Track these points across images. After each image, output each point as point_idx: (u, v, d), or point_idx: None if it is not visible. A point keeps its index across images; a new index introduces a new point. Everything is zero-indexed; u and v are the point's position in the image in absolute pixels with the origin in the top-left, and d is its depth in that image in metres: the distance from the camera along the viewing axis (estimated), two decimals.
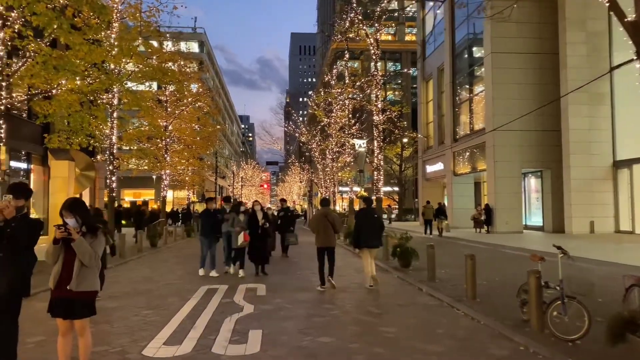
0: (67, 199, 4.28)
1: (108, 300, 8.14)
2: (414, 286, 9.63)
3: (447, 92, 31.58)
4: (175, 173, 29.44)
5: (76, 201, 4.19)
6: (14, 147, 23.18)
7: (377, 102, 22.19)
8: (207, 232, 11.47)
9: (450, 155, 30.79)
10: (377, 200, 22.22)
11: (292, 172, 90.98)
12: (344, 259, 13.81)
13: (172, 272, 11.96)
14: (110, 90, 18.92)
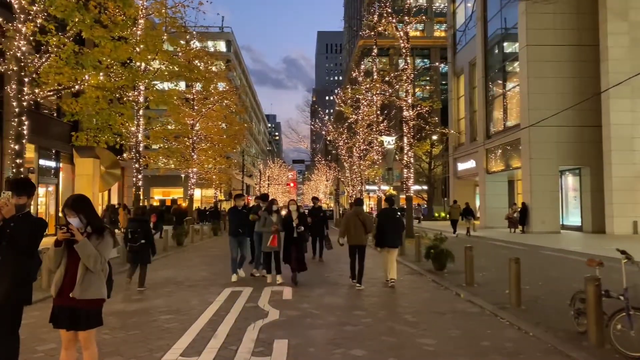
0: (70, 195, 3.83)
1: (126, 303, 7.76)
2: (451, 291, 8.97)
3: (480, 87, 30.55)
4: (202, 171, 29.31)
5: (80, 198, 3.73)
6: (43, 146, 23.41)
7: (407, 97, 21.49)
8: (234, 231, 10.64)
9: (482, 152, 29.78)
10: (407, 200, 21.53)
11: (319, 171, 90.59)
12: (373, 260, 13.20)
13: (196, 273, 11.59)
14: (136, 87, 18.81)
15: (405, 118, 21.41)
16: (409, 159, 21.44)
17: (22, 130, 10.90)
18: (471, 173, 32.74)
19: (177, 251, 17.07)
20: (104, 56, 13.65)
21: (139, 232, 9.30)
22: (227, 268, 12.42)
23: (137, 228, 9.38)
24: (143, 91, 18.85)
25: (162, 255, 15.45)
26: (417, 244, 13.39)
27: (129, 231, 9.40)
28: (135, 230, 9.33)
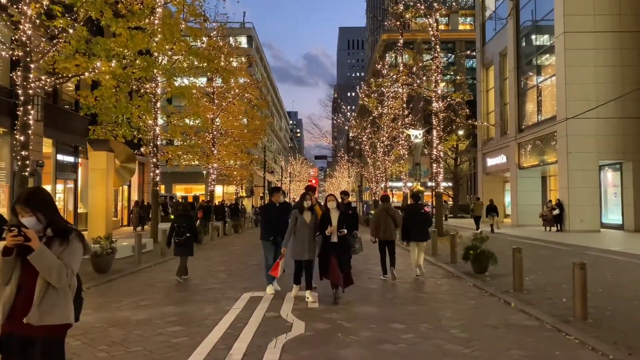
0: (24, 189, 2.90)
1: (133, 311, 6.92)
2: (498, 298, 7.91)
3: (511, 78, 29.09)
4: (223, 167, 28.58)
5: (37, 192, 2.77)
6: (61, 140, 22.92)
7: (436, 88, 20.34)
8: (270, 235, 8.51)
9: (514, 147, 28.35)
10: (437, 196, 20.42)
11: (341, 167, 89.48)
12: (404, 260, 12.18)
13: (213, 274, 10.74)
14: (153, 79, 18.10)
15: (435, 110, 20.26)
16: (439, 153, 20.29)
17: (28, 120, 10.18)
18: (501, 169, 31.30)
19: (195, 249, 16.26)
20: (120, 46, 12.95)
21: (185, 226, 10.06)
22: (247, 268, 11.59)
23: (183, 222, 10.14)
24: (161, 83, 18.15)
25: None
26: (452, 243, 12.30)
27: (176, 225, 10.17)
28: (181, 225, 10.08)
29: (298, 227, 7.66)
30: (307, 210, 7.80)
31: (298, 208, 7.82)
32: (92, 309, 7.06)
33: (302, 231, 7.63)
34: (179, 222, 10.26)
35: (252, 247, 17.75)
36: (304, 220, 7.69)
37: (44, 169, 22.34)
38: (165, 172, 53.85)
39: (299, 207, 7.81)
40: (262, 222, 8.99)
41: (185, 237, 10.06)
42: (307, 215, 7.76)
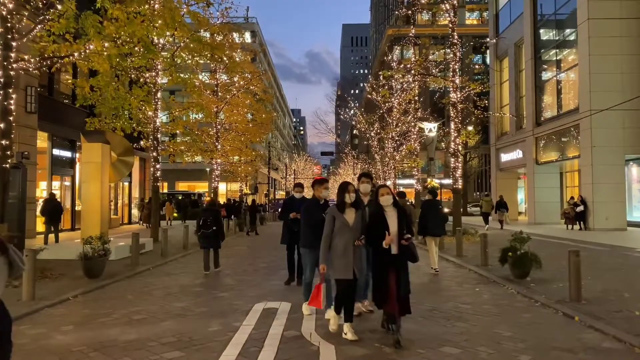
0: None
1: (122, 328, 5.73)
2: (554, 310, 6.70)
3: (528, 69, 27.79)
4: (226, 163, 27.41)
5: None
6: (57, 134, 21.79)
7: (454, 77, 19.09)
8: (314, 240, 6.04)
9: (531, 141, 27.08)
10: (455, 192, 19.19)
11: (345, 164, 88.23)
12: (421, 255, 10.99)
13: (219, 279, 9.56)
14: (153, 68, 16.94)
15: (453, 101, 19.01)
16: (457, 146, 19.04)
17: (9, 105, 9.00)
18: (517, 164, 30.03)
19: (198, 250, 15.08)
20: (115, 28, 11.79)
21: (211, 220, 10.43)
22: (257, 271, 10.39)
23: (210, 216, 10.49)
24: (161, 72, 16.97)
25: (181, 254, 13.51)
26: (483, 244, 11.08)
27: (202, 219, 10.48)
28: (208, 219, 10.42)
29: (338, 233, 5.30)
30: (349, 207, 5.35)
31: (337, 205, 5.37)
32: (74, 325, 5.89)
33: (344, 238, 5.26)
34: (205, 216, 10.56)
35: (260, 247, 16.57)
36: (345, 223, 5.30)
37: (39, 164, 21.26)
38: (168, 169, 52.84)
39: (339, 204, 5.35)
40: (305, 224, 6.71)
41: (212, 230, 10.42)
42: (349, 215, 5.34)
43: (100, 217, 12.37)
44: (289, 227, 8.33)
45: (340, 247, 5.27)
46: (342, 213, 5.34)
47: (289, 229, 8.33)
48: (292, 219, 8.18)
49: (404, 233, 5.19)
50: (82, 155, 12.75)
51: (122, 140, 14.22)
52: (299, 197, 8.58)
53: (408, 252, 5.23)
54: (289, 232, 8.36)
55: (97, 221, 12.30)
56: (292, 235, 8.21)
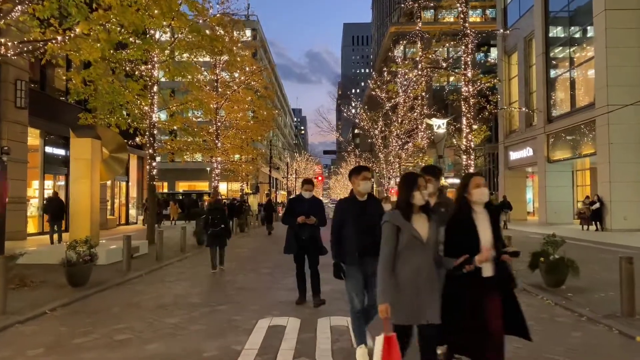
0: None
1: (99, 353, 4.79)
2: (606, 327, 5.75)
3: (539, 64, 26.82)
4: (227, 161, 26.46)
5: None
6: (50, 131, 20.82)
7: (466, 70, 18.16)
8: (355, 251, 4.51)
9: (542, 138, 26.11)
10: None
11: (348, 164, 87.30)
12: None
13: (218, 287, 8.62)
14: (149, 60, 16.03)
15: (465, 95, 18.08)
16: (469, 143, 18.10)
17: None
18: (527, 162, 29.06)
19: (196, 252, 14.19)
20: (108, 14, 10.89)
21: (219, 219, 10.56)
22: (259, 277, 9.46)
23: (218, 215, 10.60)
24: (157, 63, 16.04)
25: (177, 257, 12.57)
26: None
27: (210, 217, 10.58)
28: (216, 217, 10.54)
29: (404, 253, 3.36)
30: (419, 212, 3.45)
31: (401, 209, 3.44)
32: (45, 348, 4.96)
33: (415, 260, 3.35)
34: (213, 215, 10.64)
35: (263, 249, 15.64)
36: (417, 237, 3.37)
37: (31, 163, 20.34)
38: (168, 168, 51.98)
39: (404, 207, 3.44)
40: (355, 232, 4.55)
41: (220, 228, 10.55)
42: (421, 224, 3.41)
43: (90, 218, 11.44)
44: (296, 233, 6.81)
45: (408, 274, 3.32)
46: (408, 220, 3.36)
47: (296, 236, 6.81)
48: (299, 225, 6.72)
49: (501, 244, 3.48)
50: (71, 152, 11.83)
51: (114, 136, 13.30)
52: (308, 197, 7.01)
53: (505, 273, 3.45)
54: (296, 241, 6.82)
55: (87, 223, 11.37)
56: (301, 244, 6.82)
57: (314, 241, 6.80)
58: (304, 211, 6.73)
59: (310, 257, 6.89)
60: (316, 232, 6.83)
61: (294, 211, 6.86)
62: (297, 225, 6.74)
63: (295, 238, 6.81)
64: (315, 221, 6.73)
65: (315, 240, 6.80)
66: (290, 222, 6.88)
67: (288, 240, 6.93)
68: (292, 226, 6.87)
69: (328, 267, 4.94)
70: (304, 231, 6.72)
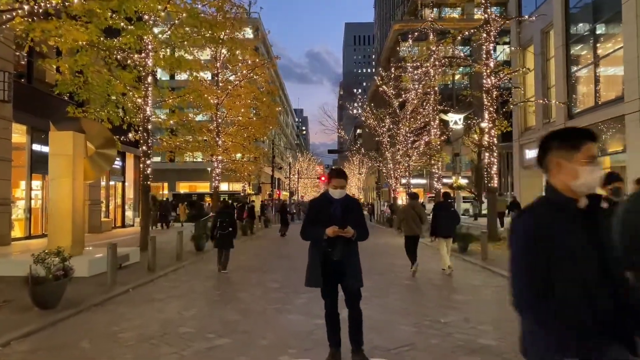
0: None
1: None
2: None
3: (558, 57, 25.25)
4: (228, 160, 25.00)
5: None
6: (38, 127, 19.26)
7: (488, 60, 16.71)
8: None
9: None
10: (490, 191, 16.79)
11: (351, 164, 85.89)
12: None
13: (217, 308, 7.14)
14: (143, 48, 14.60)
15: (486, 87, 16.63)
16: (492, 139, 16.65)
17: None
18: None
19: (194, 260, 12.73)
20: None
21: (227, 221, 10.80)
22: (266, 294, 7.94)
23: (226, 218, 10.88)
24: (151, 51, 14.59)
25: (172, 267, 11.09)
26: None
27: (219, 220, 10.86)
28: (224, 220, 10.80)
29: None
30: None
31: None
32: None
33: None
34: (222, 218, 10.89)
35: (268, 256, 14.16)
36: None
37: (16, 161, 18.90)
38: (169, 168, 50.60)
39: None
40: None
41: (228, 231, 10.73)
42: None
43: (72, 223, 9.98)
44: (325, 253, 4.34)
45: None
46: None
47: (324, 257, 4.35)
48: (328, 240, 4.29)
49: None
50: (50, 147, 10.38)
51: (101, 130, 11.85)
52: (339, 197, 4.52)
53: None
54: (322, 264, 4.37)
55: (68, 228, 9.92)
56: (331, 269, 4.35)
57: (351, 265, 4.37)
58: (335, 218, 4.33)
59: (347, 290, 4.44)
60: (353, 250, 4.43)
61: (318, 219, 4.44)
62: (326, 241, 4.28)
63: (322, 261, 4.35)
64: (354, 234, 4.27)
65: (354, 264, 4.41)
66: (314, 236, 4.42)
67: (311, 265, 4.46)
68: (316, 243, 4.43)
69: None
70: (337, 249, 4.27)
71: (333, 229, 4.23)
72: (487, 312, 6.80)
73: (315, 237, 4.42)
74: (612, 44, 21.77)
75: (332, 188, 4.55)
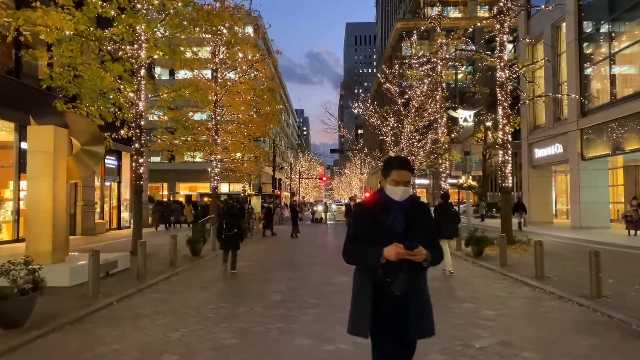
0: None
1: None
2: None
3: (571, 51, 24.31)
4: (227, 159, 24.03)
5: None
6: (26, 124, 18.45)
7: (502, 52, 15.75)
8: None
9: (575, 134, 23.61)
10: (504, 192, 15.82)
11: (352, 164, 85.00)
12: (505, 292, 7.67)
13: (211, 329, 6.17)
14: (136, 39, 13.66)
15: (500, 81, 15.67)
16: (506, 136, 15.68)
17: None
18: (556, 160, 26.55)
19: (189, 266, 11.76)
20: None
21: (232, 223, 10.96)
22: (271, 313, 6.97)
23: (231, 219, 11.03)
24: (144, 42, 13.63)
25: (164, 275, 10.12)
26: (595, 266, 7.67)
27: (224, 222, 11.00)
28: (229, 222, 10.96)
29: None
30: None
31: None
32: None
33: None
34: (227, 219, 11.08)
35: (268, 262, 13.19)
36: None
37: (3, 161, 18.00)
38: (168, 169, 49.61)
39: None
40: None
41: (233, 232, 10.92)
42: None
43: (52, 227, 9.03)
44: (381, 285, 2.77)
45: None
46: None
47: (379, 290, 2.79)
48: (386, 265, 2.70)
49: None
50: (28, 143, 9.43)
51: (88, 125, 10.90)
52: (401, 198, 2.86)
53: None
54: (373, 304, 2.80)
55: (48, 233, 8.97)
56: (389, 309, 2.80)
57: (418, 304, 2.85)
58: (396, 233, 2.79)
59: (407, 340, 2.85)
60: (422, 281, 2.92)
61: (369, 233, 2.86)
62: (383, 267, 2.71)
63: (375, 298, 2.80)
64: (427, 257, 2.71)
65: (422, 303, 2.89)
66: (364, 259, 2.86)
67: (357, 302, 2.89)
68: (366, 269, 2.87)
69: None
70: (398, 279, 2.73)
71: (396, 248, 2.63)
72: (524, 332, 5.84)
73: (365, 261, 2.83)
74: (629, 37, 20.81)
75: (391, 185, 2.87)
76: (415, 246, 2.63)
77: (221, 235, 11.05)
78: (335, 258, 13.95)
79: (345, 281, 9.13)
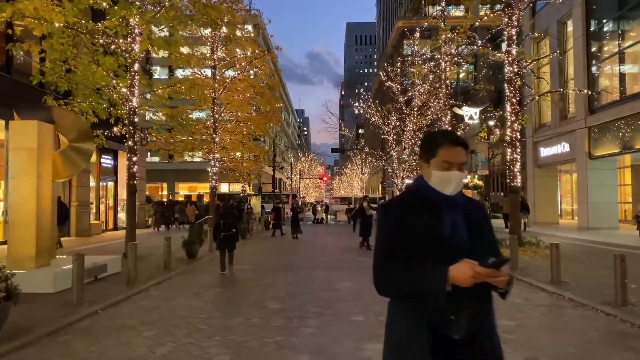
0: None
1: None
2: None
3: (578, 48, 23.72)
4: (226, 158, 23.45)
5: None
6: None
7: (510, 47, 15.16)
8: None
9: (583, 132, 23.01)
10: (513, 191, 15.22)
11: (353, 163, 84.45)
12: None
13: (202, 343, 5.58)
14: (129, 33, 13.08)
15: (508, 76, 15.08)
16: (515, 133, 15.08)
17: None
18: (562, 159, 25.94)
19: (183, 269, 11.18)
20: None
21: (230, 223, 11.14)
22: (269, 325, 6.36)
23: (229, 220, 11.21)
24: (138, 36, 13.05)
25: (156, 279, 9.52)
26: (621, 271, 7.08)
27: (222, 222, 11.16)
28: (227, 222, 11.13)
29: None
30: None
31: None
32: None
33: None
34: (224, 220, 11.14)
35: (267, 265, 12.60)
36: None
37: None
38: (168, 168, 49.06)
39: None
40: None
41: (231, 232, 11.03)
42: None
43: (36, 229, 8.45)
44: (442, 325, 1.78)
45: None
46: None
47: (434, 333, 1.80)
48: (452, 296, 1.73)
49: None
50: (10, 139, 8.86)
51: (76, 121, 10.32)
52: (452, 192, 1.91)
53: None
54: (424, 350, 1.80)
55: (31, 235, 8.39)
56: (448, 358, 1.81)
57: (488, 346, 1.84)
58: (458, 243, 1.86)
59: None
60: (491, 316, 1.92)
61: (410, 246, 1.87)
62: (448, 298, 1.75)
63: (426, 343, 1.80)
64: (510, 279, 1.77)
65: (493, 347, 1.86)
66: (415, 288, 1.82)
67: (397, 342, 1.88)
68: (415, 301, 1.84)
69: None
70: (463, 315, 1.75)
71: (472, 267, 1.72)
72: (549, 346, 5.25)
73: (421, 290, 1.82)
74: (638, 34, 20.22)
75: (437, 170, 1.92)
76: (501, 263, 1.72)
77: (219, 235, 11.05)
78: (337, 260, 13.37)
79: (349, 286, 8.54)
